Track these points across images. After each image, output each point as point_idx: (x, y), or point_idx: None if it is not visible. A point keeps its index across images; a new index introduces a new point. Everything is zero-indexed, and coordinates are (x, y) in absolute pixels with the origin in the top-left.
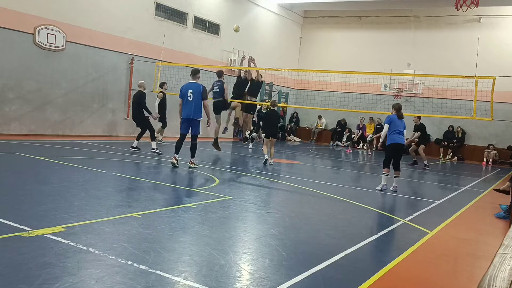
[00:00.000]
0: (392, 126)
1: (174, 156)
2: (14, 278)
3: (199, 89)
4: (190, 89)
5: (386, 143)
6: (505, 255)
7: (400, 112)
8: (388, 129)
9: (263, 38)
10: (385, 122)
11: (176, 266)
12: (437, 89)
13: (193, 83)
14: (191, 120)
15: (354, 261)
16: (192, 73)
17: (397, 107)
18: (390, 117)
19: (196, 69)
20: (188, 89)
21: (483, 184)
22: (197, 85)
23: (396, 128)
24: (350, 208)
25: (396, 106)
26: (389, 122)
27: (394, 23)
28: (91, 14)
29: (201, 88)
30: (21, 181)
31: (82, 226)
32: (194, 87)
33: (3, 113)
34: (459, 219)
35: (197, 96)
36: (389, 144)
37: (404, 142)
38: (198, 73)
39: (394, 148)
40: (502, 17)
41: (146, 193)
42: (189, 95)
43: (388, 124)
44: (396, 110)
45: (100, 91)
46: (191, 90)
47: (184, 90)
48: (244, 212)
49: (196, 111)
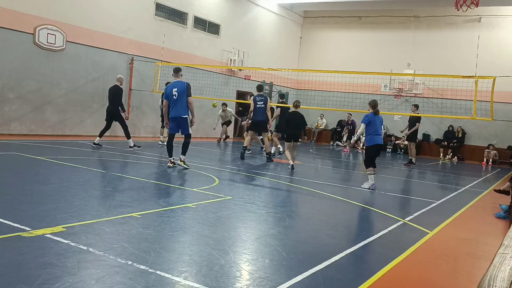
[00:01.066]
0: (372, 126)
1: (170, 160)
2: (14, 278)
3: (183, 86)
4: (174, 87)
5: (367, 144)
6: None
7: (376, 109)
8: (366, 129)
9: (263, 38)
10: (363, 122)
11: (176, 266)
12: (437, 89)
13: (177, 81)
14: (179, 118)
15: (354, 261)
16: (175, 71)
17: (373, 104)
18: (369, 116)
19: (178, 67)
20: (172, 88)
21: (483, 184)
22: (181, 83)
23: (376, 128)
24: (350, 208)
25: (372, 103)
26: (367, 122)
27: (394, 23)
28: (91, 14)
29: (185, 85)
30: (21, 181)
31: (82, 226)
32: (179, 85)
33: (3, 113)
34: (459, 219)
35: (182, 94)
36: (371, 145)
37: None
38: (180, 71)
39: (375, 148)
40: (502, 17)
41: (146, 193)
42: (174, 93)
43: (366, 124)
44: (372, 107)
45: (100, 91)
46: (176, 88)
47: (168, 90)
48: (244, 212)
49: (183, 109)
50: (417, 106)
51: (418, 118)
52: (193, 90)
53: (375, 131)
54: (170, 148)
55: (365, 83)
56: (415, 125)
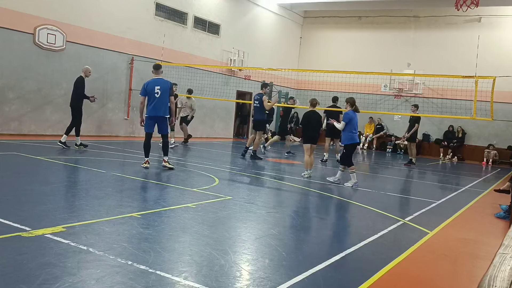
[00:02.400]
0: (351, 124)
1: (147, 160)
2: (14, 278)
3: (166, 85)
4: (157, 85)
5: (346, 142)
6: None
7: (355, 106)
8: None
9: (263, 38)
10: (345, 120)
11: (176, 266)
12: (437, 89)
13: (159, 79)
14: (159, 118)
15: (354, 261)
16: (156, 68)
17: (352, 101)
18: (350, 114)
19: (159, 64)
20: (154, 85)
21: (483, 184)
22: (164, 81)
23: (355, 126)
24: (350, 208)
25: (351, 101)
26: (349, 120)
27: (394, 23)
28: (91, 14)
29: (169, 84)
30: (21, 181)
31: (82, 226)
32: (162, 83)
33: (3, 113)
34: (459, 219)
35: (165, 93)
36: (350, 144)
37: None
38: (161, 68)
39: (353, 146)
40: (502, 17)
41: (146, 193)
42: (156, 91)
43: (346, 122)
44: (350, 105)
45: (100, 91)
46: (158, 86)
47: (150, 87)
48: (244, 212)
49: (165, 109)
50: (417, 106)
51: (417, 118)
52: (194, 90)
53: (354, 129)
54: (147, 148)
55: (365, 83)
56: (414, 125)
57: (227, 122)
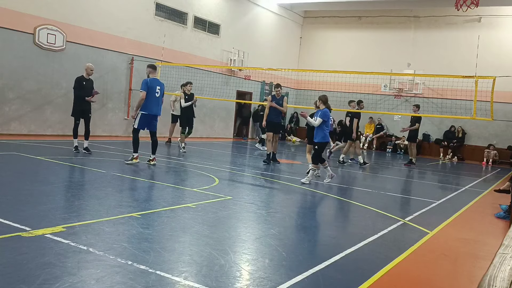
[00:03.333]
0: (327, 122)
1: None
2: (14, 278)
3: (163, 87)
4: (158, 85)
5: (320, 140)
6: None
7: (328, 104)
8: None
9: (263, 38)
10: (324, 118)
11: (176, 266)
12: (437, 89)
13: (157, 79)
14: (156, 117)
15: (354, 261)
16: (154, 68)
17: (324, 99)
18: (327, 112)
19: (155, 65)
20: (156, 85)
21: (483, 184)
22: (161, 83)
23: (328, 124)
24: (350, 208)
25: (323, 98)
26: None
27: (394, 23)
28: (91, 14)
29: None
30: (21, 181)
31: (82, 226)
32: (161, 84)
33: (3, 113)
34: (459, 219)
35: (162, 94)
36: (323, 142)
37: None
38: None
39: (325, 144)
40: (502, 17)
41: (146, 193)
42: (157, 91)
43: (322, 119)
44: (323, 103)
45: (100, 91)
46: (159, 86)
47: (153, 85)
48: (244, 212)
49: (160, 108)
50: (418, 107)
51: (418, 118)
52: (194, 90)
53: (327, 126)
54: (137, 143)
55: (365, 83)
56: (414, 125)
57: (227, 122)
